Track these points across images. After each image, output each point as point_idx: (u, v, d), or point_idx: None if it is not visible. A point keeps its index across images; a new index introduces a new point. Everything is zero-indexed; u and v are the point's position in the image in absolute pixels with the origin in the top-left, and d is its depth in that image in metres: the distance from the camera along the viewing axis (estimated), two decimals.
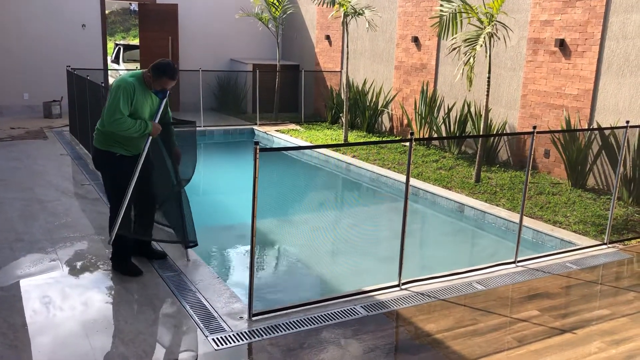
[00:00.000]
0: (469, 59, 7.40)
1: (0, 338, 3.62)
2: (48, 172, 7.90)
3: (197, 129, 4.86)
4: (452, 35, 7.83)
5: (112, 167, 4.55)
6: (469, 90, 9.16)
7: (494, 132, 9.23)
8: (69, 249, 5.16)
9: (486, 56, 8.00)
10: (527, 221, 6.31)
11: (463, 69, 7.62)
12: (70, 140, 10.18)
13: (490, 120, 9.34)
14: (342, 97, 12.40)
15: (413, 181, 7.91)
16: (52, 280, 4.53)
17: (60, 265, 4.82)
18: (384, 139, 11.34)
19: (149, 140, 4.50)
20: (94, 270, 4.75)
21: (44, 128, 11.32)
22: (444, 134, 10.20)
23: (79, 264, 4.88)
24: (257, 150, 3.72)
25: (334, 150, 10.08)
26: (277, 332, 3.83)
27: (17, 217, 5.95)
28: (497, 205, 7.07)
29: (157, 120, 4.51)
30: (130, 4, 27.03)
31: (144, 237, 4.92)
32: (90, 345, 3.59)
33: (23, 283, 4.44)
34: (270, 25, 13.36)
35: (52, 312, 4.04)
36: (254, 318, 3.99)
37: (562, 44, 8.25)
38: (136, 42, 18.06)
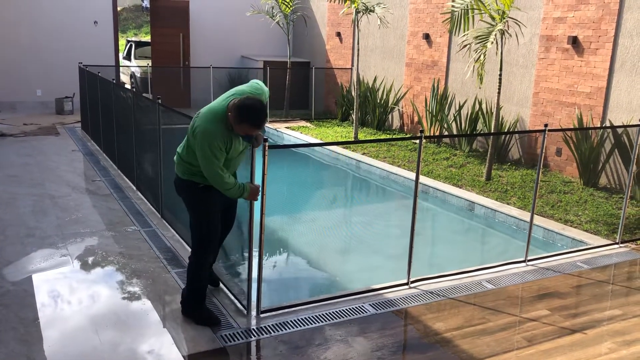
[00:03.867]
0: (480, 56, 7.35)
1: (11, 333, 3.66)
2: (59, 167, 7.96)
3: None
4: (464, 32, 7.78)
5: (195, 200, 3.85)
6: (480, 88, 9.12)
7: (505, 130, 9.16)
8: (80, 245, 5.20)
9: (497, 53, 7.94)
10: (538, 220, 6.25)
11: (474, 66, 7.57)
12: (82, 137, 10.25)
13: (502, 118, 9.27)
14: (353, 94, 12.37)
15: (423, 179, 7.88)
16: (62, 276, 4.56)
17: (71, 260, 4.85)
18: (394, 137, 11.30)
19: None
20: (104, 266, 4.78)
21: (56, 124, 11.40)
22: (454, 132, 10.14)
23: (89, 259, 4.91)
24: (266, 147, 3.72)
25: (344, 148, 10.06)
26: (285, 330, 3.83)
27: (28, 212, 6.00)
28: (507, 204, 7.03)
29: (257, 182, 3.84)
30: (142, 0, 27.14)
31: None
32: (100, 340, 3.61)
33: (34, 278, 4.48)
34: (280, 22, 13.36)
35: (62, 307, 4.07)
36: (261, 315, 4.00)
37: (575, 41, 8.17)
38: (148, 38, 18.13)
